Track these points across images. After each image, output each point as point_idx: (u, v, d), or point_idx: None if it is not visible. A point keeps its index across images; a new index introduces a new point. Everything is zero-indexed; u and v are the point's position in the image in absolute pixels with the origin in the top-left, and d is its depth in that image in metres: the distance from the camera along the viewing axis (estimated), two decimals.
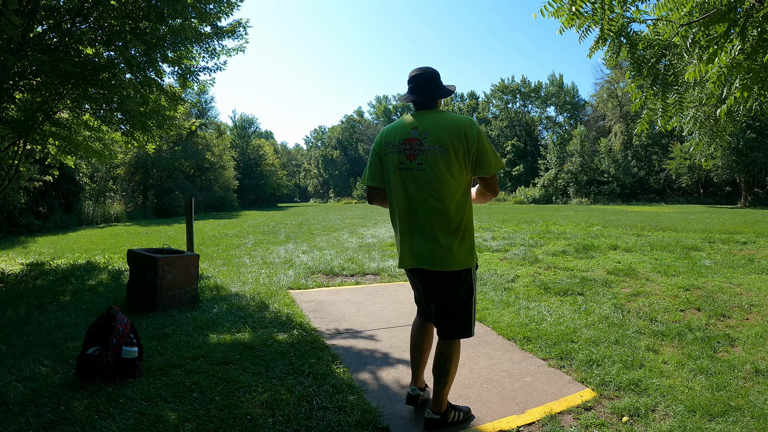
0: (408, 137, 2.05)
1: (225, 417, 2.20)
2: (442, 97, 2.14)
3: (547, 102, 49.30)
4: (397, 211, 2.09)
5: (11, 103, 6.24)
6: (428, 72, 2.13)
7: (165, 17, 5.85)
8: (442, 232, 2.01)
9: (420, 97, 2.11)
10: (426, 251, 2.02)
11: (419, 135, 2.03)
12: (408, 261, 2.08)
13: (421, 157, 2.02)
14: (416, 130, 2.04)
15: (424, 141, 2.02)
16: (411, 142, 2.04)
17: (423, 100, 2.12)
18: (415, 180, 2.02)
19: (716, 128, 4.41)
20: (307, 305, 4.40)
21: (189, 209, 5.34)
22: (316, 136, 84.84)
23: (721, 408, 2.35)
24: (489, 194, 2.20)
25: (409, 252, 2.07)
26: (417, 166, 2.03)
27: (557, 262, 6.39)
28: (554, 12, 2.88)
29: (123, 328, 2.69)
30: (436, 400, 2.17)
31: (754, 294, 4.49)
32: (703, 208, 24.32)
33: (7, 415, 2.19)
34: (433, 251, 2.01)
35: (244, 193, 43.41)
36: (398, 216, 2.09)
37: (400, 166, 2.06)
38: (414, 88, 2.13)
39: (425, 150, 2.01)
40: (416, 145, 2.03)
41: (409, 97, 2.14)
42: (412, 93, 2.13)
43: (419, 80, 2.12)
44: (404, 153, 2.05)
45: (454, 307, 2.10)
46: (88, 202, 19.80)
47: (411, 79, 2.14)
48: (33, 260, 7.85)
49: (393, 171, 2.08)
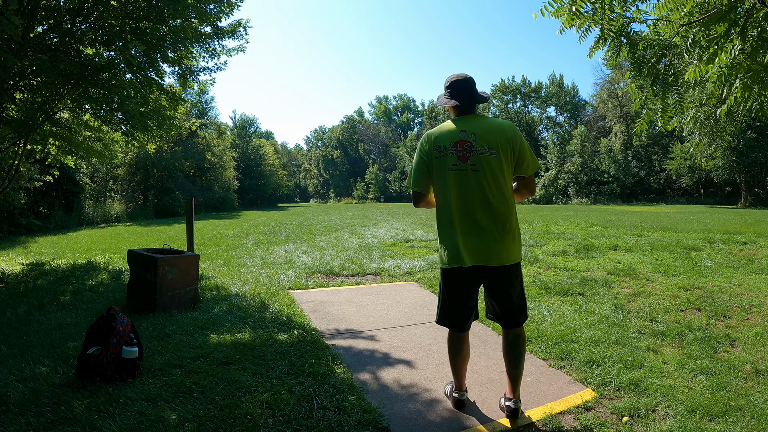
0: (458, 140, 2.15)
1: (225, 417, 2.20)
2: (480, 102, 2.26)
3: (548, 102, 49.27)
4: (454, 211, 2.14)
5: (11, 103, 6.24)
6: (469, 78, 2.26)
7: (165, 17, 5.86)
8: (500, 229, 2.13)
9: (463, 101, 2.23)
10: (492, 248, 2.11)
11: (468, 137, 2.14)
12: (468, 259, 2.11)
13: (474, 158, 2.12)
14: (465, 133, 2.15)
15: (474, 143, 2.13)
16: (462, 144, 2.14)
17: (466, 105, 2.23)
18: (470, 181, 2.12)
19: (716, 128, 4.41)
20: (307, 305, 4.40)
21: (189, 209, 5.34)
22: (317, 136, 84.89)
23: (721, 408, 2.35)
24: (527, 192, 2.34)
25: (469, 250, 2.11)
26: (471, 167, 2.12)
27: (557, 262, 6.39)
28: (554, 12, 2.88)
29: (123, 328, 2.69)
30: (516, 389, 2.30)
31: (755, 294, 4.49)
32: (704, 208, 24.31)
33: (7, 415, 2.19)
34: (497, 248, 2.12)
35: (244, 193, 43.43)
36: (454, 215, 2.14)
37: (453, 168, 2.14)
38: (457, 93, 2.24)
39: (477, 152, 2.13)
40: (467, 147, 2.13)
41: (450, 101, 2.25)
42: (454, 98, 2.24)
43: (462, 85, 2.24)
44: (456, 155, 2.14)
45: (518, 295, 2.25)
46: (89, 202, 19.81)
47: (452, 84, 2.25)
48: (33, 260, 7.85)
49: (446, 173, 2.14)
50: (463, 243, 2.12)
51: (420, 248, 8.00)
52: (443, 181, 2.16)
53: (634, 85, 3.46)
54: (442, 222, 2.21)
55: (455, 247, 2.14)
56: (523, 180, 2.29)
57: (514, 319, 2.25)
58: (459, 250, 2.12)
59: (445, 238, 2.19)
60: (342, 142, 73.23)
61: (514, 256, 2.16)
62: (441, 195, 2.20)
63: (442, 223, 2.21)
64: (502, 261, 2.12)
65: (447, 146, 2.16)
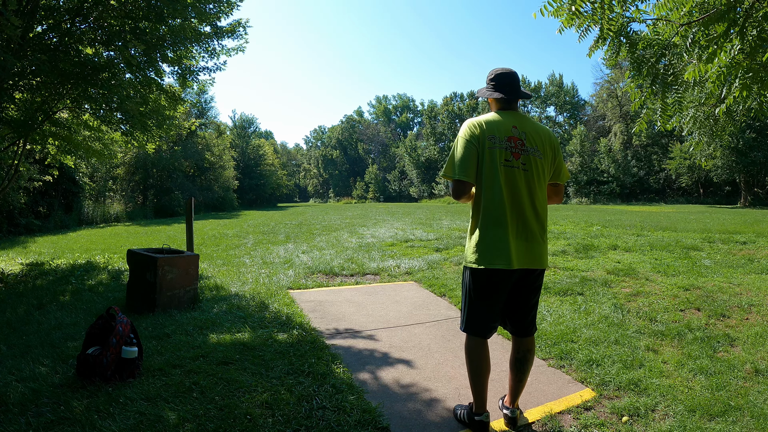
0: (511, 135, 2.04)
1: (225, 417, 2.20)
2: (524, 98, 2.19)
3: (547, 102, 49.26)
4: (507, 209, 2.00)
5: (11, 103, 6.24)
6: (514, 72, 2.14)
7: (165, 17, 5.85)
8: (542, 232, 2.10)
9: (509, 95, 2.11)
10: (534, 251, 2.06)
11: (520, 135, 2.05)
12: (517, 261, 2.00)
13: (524, 157, 2.04)
14: (516, 130, 2.06)
15: (525, 141, 2.05)
16: (515, 140, 2.04)
17: (511, 98, 2.12)
18: (521, 179, 2.03)
19: (716, 128, 4.41)
20: (306, 305, 4.40)
21: (189, 209, 5.34)
22: (316, 135, 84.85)
23: (720, 408, 2.35)
24: (557, 199, 2.31)
25: (518, 251, 2.01)
26: (521, 165, 2.03)
27: (557, 261, 6.39)
28: (554, 11, 2.88)
29: (123, 328, 2.69)
30: (517, 400, 2.24)
31: (754, 294, 4.49)
32: (703, 208, 24.32)
33: (7, 415, 2.19)
34: (539, 251, 2.08)
35: (243, 193, 43.40)
36: (506, 214, 2.00)
37: (506, 163, 2.01)
38: (503, 87, 2.12)
39: (527, 151, 2.05)
40: (519, 144, 2.04)
41: (494, 94, 2.13)
42: (500, 90, 2.12)
43: (508, 79, 2.12)
44: (510, 150, 2.02)
45: (537, 302, 2.22)
46: (88, 202, 19.80)
47: (498, 76, 2.14)
48: (33, 260, 7.85)
49: (499, 167, 2.00)
50: (515, 245, 2.01)
51: (420, 248, 8.00)
52: (494, 175, 2.00)
53: (634, 84, 3.45)
54: (488, 220, 2.01)
55: (504, 248, 1.98)
56: (556, 187, 2.27)
57: (530, 328, 2.20)
58: (509, 250, 1.98)
59: (489, 237, 2.01)
60: (341, 141, 73.21)
61: (547, 261, 2.15)
62: (490, 190, 2.01)
63: (488, 221, 2.01)
64: (542, 264, 2.09)
65: (501, 139, 2.02)
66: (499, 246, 1.99)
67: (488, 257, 2.00)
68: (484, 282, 2.05)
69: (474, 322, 2.12)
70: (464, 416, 2.22)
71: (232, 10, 6.62)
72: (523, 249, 2.02)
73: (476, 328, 2.12)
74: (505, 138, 2.03)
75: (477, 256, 2.03)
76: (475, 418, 2.14)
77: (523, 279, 2.10)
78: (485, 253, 2.01)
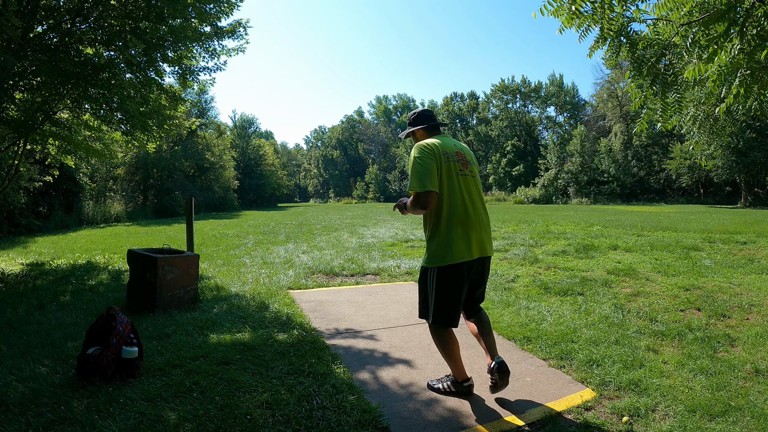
0: (457, 150, 2.50)
1: (225, 417, 2.20)
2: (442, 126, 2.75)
3: (547, 102, 49.23)
4: (463, 210, 2.38)
5: (11, 103, 6.24)
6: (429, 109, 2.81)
7: (165, 17, 5.85)
8: (489, 225, 2.55)
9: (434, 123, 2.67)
10: (488, 241, 2.49)
11: (461, 150, 2.53)
12: (477, 251, 2.39)
13: (469, 167, 2.51)
14: (456, 147, 2.53)
15: (465, 155, 2.52)
16: (459, 155, 2.49)
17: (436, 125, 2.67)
18: (472, 185, 2.49)
19: (715, 127, 4.41)
20: (307, 305, 4.40)
21: (189, 209, 5.34)
22: (316, 136, 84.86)
23: (721, 408, 2.35)
24: None
25: (477, 243, 2.40)
26: (470, 173, 2.50)
27: (557, 262, 6.39)
28: (554, 11, 2.88)
29: (123, 328, 2.69)
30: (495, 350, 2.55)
31: (754, 294, 4.49)
32: (703, 208, 24.31)
33: (7, 415, 2.19)
34: (490, 240, 2.54)
35: (244, 193, 43.40)
36: (463, 214, 2.37)
37: (460, 173, 2.43)
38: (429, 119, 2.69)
39: (469, 162, 2.53)
40: (462, 158, 2.50)
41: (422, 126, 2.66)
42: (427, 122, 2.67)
43: (430, 112, 2.73)
44: (460, 162, 2.46)
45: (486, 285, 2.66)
46: (89, 202, 19.78)
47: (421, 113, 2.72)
48: (33, 260, 7.85)
49: (455, 177, 2.41)
50: (476, 237, 2.39)
51: (420, 248, 8.00)
52: (452, 183, 2.38)
53: (634, 84, 3.45)
54: (454, 220, 2.35)
55: (468, 242, 2.35)
56: None
57: (481, 301, 2.64)
58: (471, 244, 2.36)
59: (451, 236, 2.34)
60: (342, 141, 73.21)
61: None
62: (451, 196, 2.37)
63: (454, 222, 2.34)
64: (492, 251, 2.56)
65: (452, 154, 2.44)
66: (465, 241, 2.35)
67: (453, 254, 2.32)
68: (454, 275, 2.35)
69: (446, 315, 2.39)
70: (450, 387, 2.56)
71: (232, 10, 6.61)
72: (481, 240, 2.42)
73: (448, 320, 2.40)
74: (454, 153, 2.46)
75: (446, 254, 2.33)
76: (464, 384, 2.54)
77: (480, 266, 2.48)
78: (449, 251, 2.33)
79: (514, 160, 46.41)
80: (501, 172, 46.84)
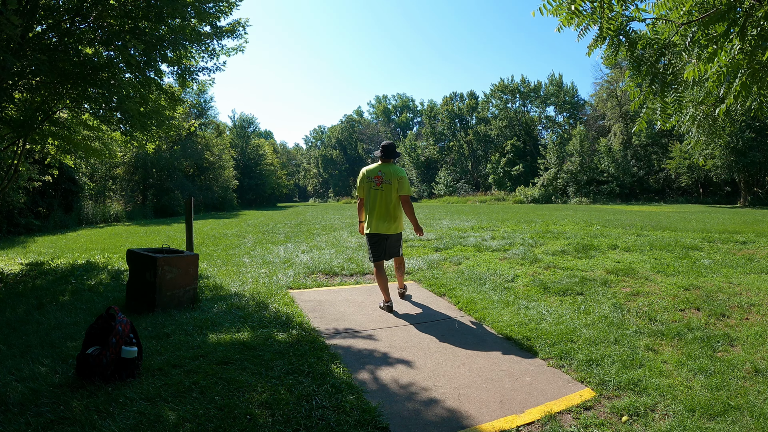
0: (377, 175, 4.32)
1: (224, 416, 2.20)
2: (394, 157, 4.41)
3: (547, 102, 49.19)
4: (378, 210, 4.32)
5: (10, 103, 6.23)
6: (390, 144, 4.41)
7: (164, 17, 5.84)
8: (393, 219, 4.35)
9: (383, 155, 4.39)
10: (391, 227, 4.34)
11: (381, 174, 4.30)
12: (383, 230, 4.32)
13: (384, 185, 4.28)
14: (381, 172, 4.31)
15: (383, 177, 4.29)
16: (377, 177, 4.31)
17: (384, 156, 4.38)
18: (381, 196, 4.30)
19: (714, 127, 4.42)
20: (306, 305, 4.40)
21: (188, 209, 5.34)
22: (316, 135, 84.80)
23: (720, 407, 2.35)
24: (407, 206, 4.35)
25: (383, 226, 4.32)
26: (380, 189, 4.30)
27: (557, 261, 6.40)
28: (553, 10, 2.88)
29: (122, 327, 2.69)
30: (402, 283, 4.83)
31: (754, 294, 4.50)
32: (703, 208, 24.33)
33: (7, 415, 2.18)
34: (392, 226, 4.35)
35: (243, 192, 43.40)
36: (377, 212, 4.32)
37: (375, 188, 4.32)
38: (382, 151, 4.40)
39: (385, 181, 4.28)
40: (380, 178, 4.29)
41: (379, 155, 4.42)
42: (381, 154, 4.39)
43: (387, 146, 4.40)
44: (375, 181, 4.31)
45: (399, 247, 4.54)
46: (88, 201, 19.75)
47: (384, 145, 4.40)
48: (32, 260, 7.84)
49: (372, 191, 4.34)
50: (381, 224, 4.32)
51: (419, 248, 8.00)
52: (369, 194, 4.34)
53: (633, 84, 3.45)
54: (372, 216, 4.32)
55: (375, 225, 4.31)
56: (402, 197, 4.31)
57: (393, 255, 4.50)
58: (379, 227, 4.31)
59: (372, 222, 4.32)
60: (341, 141, 73.19)
61: (398, 230, 4.42)
62: (370, 202, 4.33)
63: (372, 216, 4.32)
64: (394, 231, 4.38)
65: (372, 177, 4.32)
66: (372, 224, 4.32)
67: (372, 229, 4.32)
68: (374, 239, 4.37)
69: (374, 257, 4.38)
70: (382, 304, 4.31)
71: (231, 10, 6.61)
72: (385, 226, 4.31)
73: (375, 259, 4.38)
74: (374, 177, 4.31)
75: (369, 228, 4.34)
76: (387, 304, 4.26)
77: (387, 239, 4.38)
78: (370, 228, 4.33)
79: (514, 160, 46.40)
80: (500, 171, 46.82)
